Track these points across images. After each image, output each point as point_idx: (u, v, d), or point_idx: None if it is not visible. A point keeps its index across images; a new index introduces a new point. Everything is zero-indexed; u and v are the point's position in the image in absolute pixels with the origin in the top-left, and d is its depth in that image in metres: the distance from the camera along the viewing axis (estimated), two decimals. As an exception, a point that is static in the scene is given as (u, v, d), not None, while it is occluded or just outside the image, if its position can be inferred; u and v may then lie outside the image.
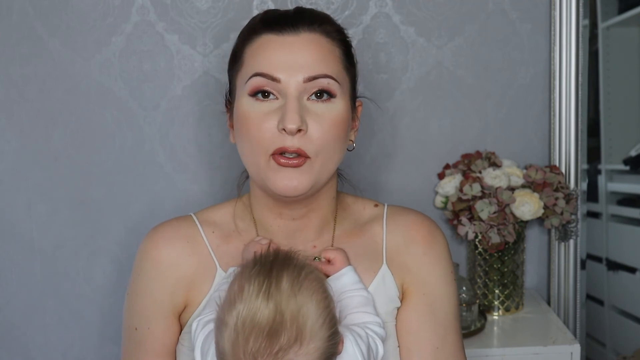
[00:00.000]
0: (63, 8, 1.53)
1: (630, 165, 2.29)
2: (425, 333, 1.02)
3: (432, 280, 1.05)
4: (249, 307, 0.85)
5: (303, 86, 0.95)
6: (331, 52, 0.98)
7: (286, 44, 0.96)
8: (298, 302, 0.85)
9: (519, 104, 1.64)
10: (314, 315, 0.85)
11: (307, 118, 0.95)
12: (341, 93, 0.97)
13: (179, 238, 1.05)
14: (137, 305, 1.04)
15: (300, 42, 0.96)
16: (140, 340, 1.03)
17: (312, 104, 0.95)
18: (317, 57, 0.96)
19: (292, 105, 0.93)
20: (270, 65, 0.95)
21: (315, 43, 0.97)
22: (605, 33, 2.30)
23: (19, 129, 1.57)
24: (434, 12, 1.59)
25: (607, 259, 2.35)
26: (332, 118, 0.96)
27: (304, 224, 1.05)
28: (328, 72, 0.96)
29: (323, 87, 0.95)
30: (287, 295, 0.85)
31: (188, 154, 1.59)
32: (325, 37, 0.98)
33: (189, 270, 1.03)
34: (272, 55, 0.96)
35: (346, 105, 0.99)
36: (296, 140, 0.94)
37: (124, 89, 1.56)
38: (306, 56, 0.95)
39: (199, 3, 1.55)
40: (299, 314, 0.84)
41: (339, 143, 0.98)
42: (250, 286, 0.86)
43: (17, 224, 1.60)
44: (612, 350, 2.31)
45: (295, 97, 0.94)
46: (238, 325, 0.84)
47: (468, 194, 1.51)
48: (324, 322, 0.86)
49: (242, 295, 0.86)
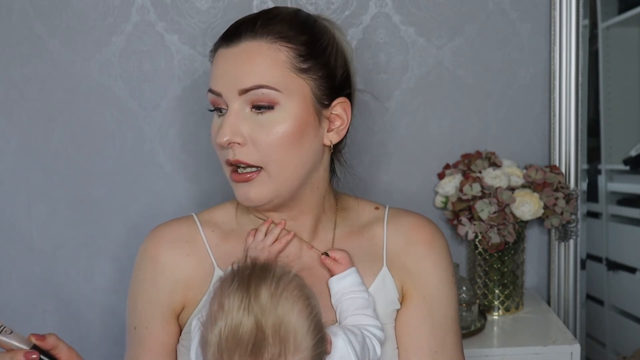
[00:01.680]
0: (63, 8, 1.53)
1: (630, 165, 2.29)
2: (424, 336, 1.02)
3: (432, 283, 1.04)
4: (230, 324, 0.83)
5: (241, 98, 0.95)
6: (270, 58, 0.95)
7: (227, 56, 0.97)
8: (279, 315, 0.83)
9: (519, 104, 1.64)
10: (297, 326, 0.84)
11: (248, 129, 0.95)
12: (287, 99, 0.95)
13: (179, 239, 1.05)
14: (137, 305, 1.05)
15: (239, 52, 0.96)
16: (139, 340, 1.04)
17: (254, 115, 0.96)
18: (252, 67, 0.94)
19: (226, 120, 0.96)
20: (215, 80, 0.98)
21: (252, 51, 0.95)
22: (605, 33, 2.30)
23: (19, 129, 1.57)
24: (434, 12, 1.59)
25: (607, 259, 2.34)
26: (276, 128, 0.95)
27: (296, 226, 1.05)
28: (263, 81, 0.94)
29: (258, 98, 0.94)
30: (267, 309, 0.83)
31: (188, 154, 1.59)
32: (268, 43, 0.95)
33: (187, 270, 1.03)
34: (216, 69, 0.98)
35: (297, 111, 0.96)
36: (236, 152, 0.96)
37: (124, 89, 1.56)
38: (242, 67, 0.95)
39: (199, 3, 1.55)
40: (280, 328, 0.83)
41: (292, 150, 0.96)
42: (230, 302, 0.84)
43: (17, 224, 1.60)
44: (612, 350, 2.31)
45: (233, 110, 0.96)
46: (221, 343, 0.83)
47: (468, 194, 1.51)
48: (308, 330, 0.84)
49: (223, 312, 0.84)
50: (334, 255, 1.01)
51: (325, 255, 1.01)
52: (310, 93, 0.97)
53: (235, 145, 0.95)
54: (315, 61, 0.98)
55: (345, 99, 1.01)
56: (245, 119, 0.95)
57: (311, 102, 0.97)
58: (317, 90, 0.98)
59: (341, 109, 1.01)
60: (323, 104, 0.99)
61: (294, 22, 0.98)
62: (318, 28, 1.01)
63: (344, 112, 1.01)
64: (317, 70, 0.98)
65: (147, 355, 1.03)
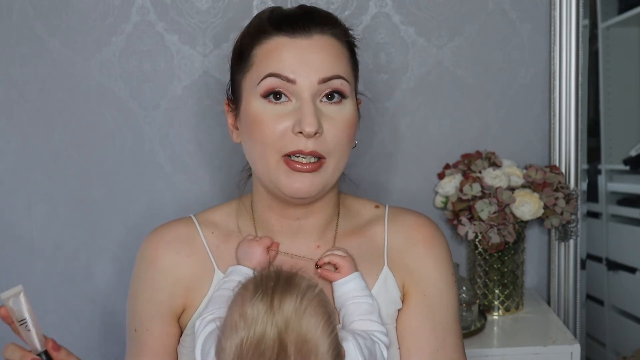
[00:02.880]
0: (63, 8, 1.53)
1: (630, 165, 2.29)
2: (425, 334, 1.02)
3: (432, 282, 1.04)
4: (252, 335, 0.82)
5: (317, 88, 0.95)
6: (342, 53, 0.99)
7: (299, 47, 0.96)
8: (302, 331, 0.82)
9: (519, 104, 1.64)
10: (319, 344, 0.83)
11: (323, 118, 0.95)
12: (351, 93, 0.99)
13: (178, 240, 1.05)
14: (137, 306, 1.05)
15: (314, 44, 0.97)
16: (140, 342, 1.04)
17: (325, 106, 0.96)
18: (330, 58, 0.97)
19: (309, 108, 0.94)
20: (285, 66, 0.95)
21: (327, 45, 0.97)
22: (605, 33, 2.30)
23: (19, 129, 1.57)
24: (434, 12, 1.59)
25: (607, 259, 2.35)
26: (344, 120, 0.97)
27: (307, 224, 1.04)
28: (340, 72, 0.97)
29: (336, 88, 0.96)
30: (291, 324, 0.82)
31: (188, 154, 1.59)
32: (335, 39, 0.99)
33: (187, 272, 1.03)
34: (286, 57, 0.96)
35: (354, 105, 1.00)
36: (311, 143, 0.94)
37: (124, 89, 1.56)
38: (319, 58, 0.96)
39: (199, 3, 1.55)
40: (303, 345, 0.82)
41: (349, 144, 1.00)
42: (253, 313, 0.83)
43: (17, 224, 1.60)
44: (612, 350, 2.31)
45: (310, 99, 0.95)
46: (242, 354, 0.82)
47: (468, 194, 1.51)
48: (329, 349, 0.84)
49: (245, 322, 0.83)
50: (333, 261, 1.00)
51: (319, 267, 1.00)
52: (355, 90, 1.02)
53: (314, 136, 0.94)
54: (356, 60, 1.04)
55: (359, 99, 1.07)
56: (319, 109, 0.96)
57: (355, 99, 1.02)
58: (356, 89, 1.03)
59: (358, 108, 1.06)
60: (357, 102, 1.04)
61: (344, 27, 1.03)
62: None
63: (358, 111, 1.06)
64: (356, 69, 1.03)
65: (148, 357, 1.03)
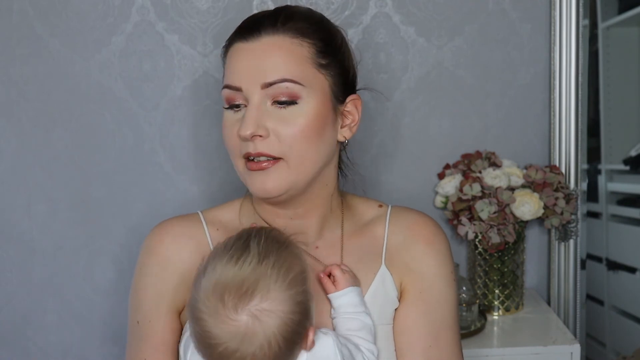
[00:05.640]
0: (63, 8, 1.53)
1: (630, 165, 2.29)
2: (419, 330, 1.02)
3: (430, 279, 1.04)
4: (219, 277, 0.87)
5: (263, 92, 0.95)
6: (294, 53, 0.96)
7: (248, 50, 0.97)
8: (265, 262, 0.87)
9: (519, 104, 1.64)
10: (277, 275, 0.87)
11: (270, 122, 0.95)
12: (309, 94, 0.96)
13: (184, 235, 1.05)
14: (140, 299, 1.04)
15: (260, 47, 0.96)
16: (142, 335, 1.03)
17: (275, 110, 0.96)
18: (276, 60, 0.95)
19: (249, 113, 0.95)
20: (234, 75, 0.97)
21: (275, 46, 0.96)
22: (605, 33, 2.30)
23: (19, 129, 1.57)
24: (434, 12, 1.59)
25: (607, 259, 2.35)
26: (298, 121, 0.96)
27: (302, 224, 1.04)
28: (287, 75, 0.95)
29: (282, 93, 0.95)
30: (255, 259, 0.87)
31: (188, 154, 1.59)
32: (289, 38, 0.97)
33: (191, 268, 1.02)
34: (236, 64, 0.97)
35: (317, 105, 0.97)
36: (258, 145, 0.95)
37: (124, 89, 1.56)
38: (265, 61, 0.95)
39: (199, 3, 1.55)
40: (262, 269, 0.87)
41: (311, 143, 0.97)
42: (221, 249, 0.90)
43: (17, 224, 1.60)
44: (612, 350, 2.31)
45: (255, 104, 0.95)
46: (209, 294, 0.87)
47: (468, 194, 1.51)
48: (289, 303, 0.87)
49: (214, 257, 0.90)
50: (330, 270, 1.00)
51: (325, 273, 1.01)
52: (329, 88, 0.99)
53: (257, 138, 0.95)
54: (333, 58, 1.00)
55: (356, 96, 1.04)
56: (267, 112, 0.96)
57: (329, 98, 0.99)
58: (334, 87, 1.00)
59: (352, 106, 1.03)
60: (339, 100, 1.01)
61: (311, 20, 1.00)
62: (332, 27, 1.04)
63: (355, 108, 1.04)
64: (334, 66, 1.00)
65: (150, 349, 1.02)
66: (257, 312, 0.85)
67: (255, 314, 0.85)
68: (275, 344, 0.86)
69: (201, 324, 0.87)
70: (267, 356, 0.86)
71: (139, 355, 1.02)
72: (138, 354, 1.02)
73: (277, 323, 0.86)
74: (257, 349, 0.85)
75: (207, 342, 0.87)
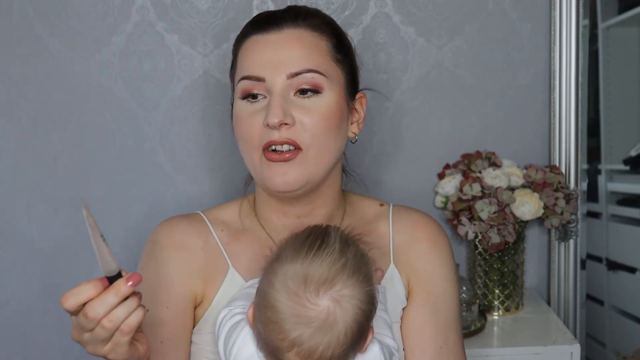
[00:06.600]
0: (63, 8, 1.53)
1: (630, 165, 2.29)
2: (429, 332, 1.02)
3: (436, 280, 1.05)
4: (301, 254, 0.86)
5: (288, 82, 0.96)
6: (316, 45, 0.98)
7: (270, 42, 0.97)
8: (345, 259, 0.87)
9: (519, 104, 1.64)
10: (356, 266, 0.87)
11: (295, 111, 0.96)
12: (330, 86, 0.97)
13: (191, 232, 1.04)
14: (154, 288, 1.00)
15: (284, 38, 0.97)
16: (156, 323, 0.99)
17: (299, 100, 0.96)
18: (301, 52, 0.96)
19: (275, 101, 0.95)
20: (255, 66, 0.97)
21: (298, 38, 0.97)
22: (605, 33, 2.30)
23: (19, 129, 1.57)
24: (434, 12, 1.59)
25: (607, 259, 2.35)
26: (321, 111, 0.97)
27: (309, 222, 1.03)
28: (312, 66, 0.96)
29: (307, 82, 0.96)
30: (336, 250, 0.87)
31: (188, 154, 1.59)
32: (310, 31, 0.98)
33: (201, 262, 1.02)
34: (256, 55, 0.98)
35: (337, 98, 0.99)
36: (283, 133, 0.95)
37: (124, 89, 1.56)
38: (289, 52, 0.96)
39: (199, 3, 1.55)
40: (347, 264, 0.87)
41: (331, 135, 0.98)
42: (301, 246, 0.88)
43: (17, 224, 1.60)
44: (612, 350, 2.32)
45: (279, 93, 0.95)
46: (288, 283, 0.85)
47: (468, 194, 1.51)
48: (364, 299, 0.86)
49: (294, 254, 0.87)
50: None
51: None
52: (344, 83, 1.01)
53: (284, 126, 0.95)
54: (345, 55, 1.02)
55: (363, 94, 1.06)
56: (292, 102, 0.96)
57: (344, 92, 1.01)
58: (347, 82, 1.02)
59: (359, 104, 1.05)
60: (351, 96, 1.03)
61: (326, 18, 1.03)
62: (340, 27, 1.05)
63: (361, 106, 1.06)
64: (347, 63, 1.02)
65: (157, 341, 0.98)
66: (339, 297, 0.84)
67: (337, 299, 0.84)
68: (351, 335, 0.85)
69: (274, 311, 0.85)
70: (341, 346, 0.84)
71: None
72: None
73: (355, 311, 0.85)
74: (334, 338, 0.84)
75: (278, 330, 0.85)
